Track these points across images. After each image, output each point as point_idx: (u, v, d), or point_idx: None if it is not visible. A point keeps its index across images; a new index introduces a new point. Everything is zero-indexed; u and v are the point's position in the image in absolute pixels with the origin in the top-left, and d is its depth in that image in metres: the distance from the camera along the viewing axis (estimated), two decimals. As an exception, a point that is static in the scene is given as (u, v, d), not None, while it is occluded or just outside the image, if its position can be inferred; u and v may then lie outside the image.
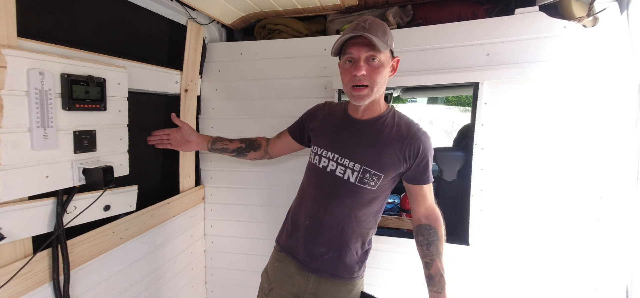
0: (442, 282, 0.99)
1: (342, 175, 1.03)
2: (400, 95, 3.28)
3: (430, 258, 1.02)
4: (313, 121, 1.19)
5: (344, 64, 0.99)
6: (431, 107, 12.99)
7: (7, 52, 0.85)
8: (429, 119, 12.52)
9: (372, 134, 1.02)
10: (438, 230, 1.04)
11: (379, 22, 0.95)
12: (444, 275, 1.00)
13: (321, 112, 1.19)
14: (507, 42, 1.36)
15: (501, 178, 1.43)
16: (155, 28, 1.48)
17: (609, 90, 1.28)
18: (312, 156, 1.14)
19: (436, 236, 1.04)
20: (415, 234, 1.09)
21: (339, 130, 1.09)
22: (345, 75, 0.98)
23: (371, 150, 1.01)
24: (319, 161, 1.08)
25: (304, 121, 1.25)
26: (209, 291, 1.97)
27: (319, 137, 1.14)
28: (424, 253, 1.04)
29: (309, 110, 1.25)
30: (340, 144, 1.06)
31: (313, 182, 1.12)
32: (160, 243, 1.52)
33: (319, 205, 1.08)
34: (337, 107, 1.17)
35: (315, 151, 1.11)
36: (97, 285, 1.20)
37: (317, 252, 1.07)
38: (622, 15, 1.23)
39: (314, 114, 1.21)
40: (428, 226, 1.05)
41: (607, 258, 1.32)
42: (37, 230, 0.98)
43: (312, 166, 1.13)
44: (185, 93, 1.63)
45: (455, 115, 11.39)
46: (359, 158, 1.01)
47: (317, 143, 1.13)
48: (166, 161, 1.64)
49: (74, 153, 1.04)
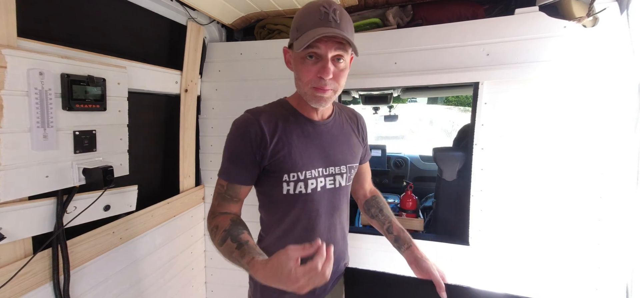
0: (407, 236, 1.01)
1: (333, 185, 0.92)
2: (400, 95, 3.28)
3: (389, 221, 1.06)
4: (269, 146, 0.83)
5: (304, 59, 0.78)
6: (431, 107, 12.98)
7: (7, 52, 0.85)
8: (429, 119, 12.52)
9: (339, 129, 0.95)
10: (381, 197, 1.13)
11: (346, 13, 0.79)
12: (404, 229, 1.03)
13: (269, 130, 0.83)
14: (507, 42, 1.36)
15: (501, 178, 1.43)
16: (155, 28, 1.48)
17: (609, 90, 1.28)
18: (284, 186, 0.85)
19: (382, 201, 1.11)
20: (367, 209, 1.12)
21: (311, 141, 0.88)
22: (306, 73, 0.79)
23: (345, 146, 0.96)
24: (305, 187, 0.86)
25: (252, 154, 0.83)
26: (209, 291, 1.97)
27: (289, 159, 0.84)
28: (381, 220, 1.08)
29: (243, 138, 0.82)
30: (321, 153, 0.90)
31: (306, 213, 0.89)
32: (160, 243, 1.52)
33: (324, 232, 0.93)
34: (282, 115, 0.87)
35: (294, 178, 0.85)
36: (97, 285, 1.20)
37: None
38: (622, 15, 1.23)
39: (260, 137, 0.82)
40: (373, 197, 1.13)
41: (607, 258, 1.32)
42: (37, 230, 0.98)
43: (290, 198, 0.87)
44: (185, 93, 1.63)
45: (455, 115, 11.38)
46: (341, 160, 0.94)
47: (290, 167, 0.84)
48: (166, 161, 1.64)
49: (74, 153, 1.04)
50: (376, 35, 1.54)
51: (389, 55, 1.53)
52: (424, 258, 0.93)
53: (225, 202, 0.86)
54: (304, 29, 0.76)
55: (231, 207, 0.87)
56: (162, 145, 1.62)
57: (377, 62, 1.54)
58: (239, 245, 0.73)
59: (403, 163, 3.58)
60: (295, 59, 0.81)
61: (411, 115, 12.57)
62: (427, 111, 12.99)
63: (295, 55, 0.80)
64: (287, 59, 0.87)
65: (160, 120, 1.59)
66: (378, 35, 1.53)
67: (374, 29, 1.59)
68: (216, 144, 1.83)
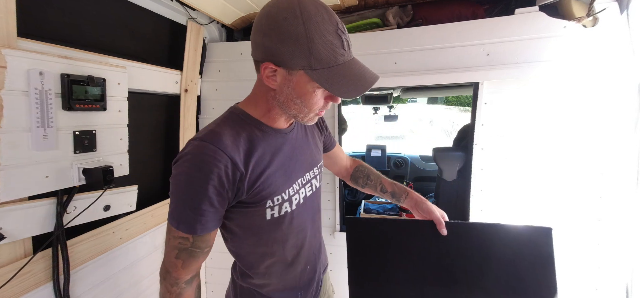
0: (401, 187, 1.04)
1: (312, 190, 0.88)
2: (400, 95, 3.28)
3: (379, 182, 1.09)
4: (245, 178, 0.69)
5: (318, 89, 0.67)
6: (431, 107, 12.98)
7: (7, 52, 0.85)
8: (429, 119, 12.52)
9: (302, 132, 0.90)
10: (363, 163, 1.15)
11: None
12: (396, 183, 1.05)
13: (240, 158, 0.68)
14: (507, 42, 1.36)
15: (501, 178, 1.43)
16: (155, 28, 1.48)
17: (609, 90, 1.28)
18: (268, 212, 0.75)
19: (366, 168, 1.13)
20: (354, 181, 1.14)
21: (285, 155, 0.79)
22: (316, 102, 0.69)
23: (312, 146, 0.92)
24: (290, 205, 0.79)
25: (222, 196, 0.67)
26: (209, 291, 1.97)
27: (272, 183, 0.74)
28: (372, 185, 1.10)
29: (208, 180, 0.64)
30: (297, 165, 0.82)
31: (294, 229, 0.82)
32: (161, 244, 1.52)
33: (313, 239, 0.92)
34: (248, 133, 0.73)
35: (279, 201, 0.76)
36: (97, 285, 1.20)
37: (320, 273, 1.00)
38: (622, 15, 1.23)
39: (231, 171, 0.66)
40: (357, 167, 1.14)
41: (607, 258, 1.32)
42: (37, 230, 0.98)
43: (275, 221, 0.77)
44: (185, 93, 1.63)
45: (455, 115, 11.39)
46: (312, 162, 0.90)
47: (273, 192, 0.74)
48: (166, 161, 1.64)
49: (74, 153, 1.04)
50: (376, 35, 1.54)
51: (389, 55, 1.53)
52: (424, 200, 0.96)
53: (193, 259, 0.70)
54: (327, 59, 0.62)
55: (200, 262, 0.73)
56: (162, 145, 1.62)
57: (377, 62, 1.54)
58: None
59: (403, 163, 3.58)
60: (300, 85, 0.66)
61: (411, 115, 12.58)
62: (427, 111, 13.00)
63: (303, 82, 0.65)
64: (268, 77, 0.68)
65: (160, 120, 1.59)
66: (378, 35, 1.53)
67: (374, 29, 1.59)
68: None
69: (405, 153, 3.68)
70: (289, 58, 0.63)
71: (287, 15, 0.61)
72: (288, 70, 0.65)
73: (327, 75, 0.63)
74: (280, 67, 0.65)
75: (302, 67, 0.63)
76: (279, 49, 0.63)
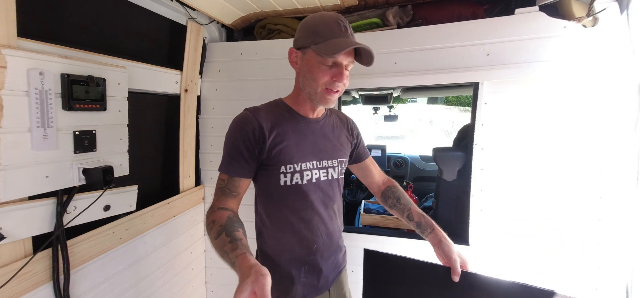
0: (428, 220, 1.04)
1: (327, 177, 0.99)
2: (400, 95, 3.28)
3: (407, 209, 1.09)
4: (267, 141, 0.89)
5: (321, 62, 0.85)
6: (431, 107, 12.98)
7: (7, 52, 0.85)
8: (429, 119, 12.52)
9: (330, 128, 1.04)
10: (398, 186, 1.17)
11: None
12: (424, 214, 1.05)
13: (266, 126, 0.89)
14: (507, 42, 1.36)
15: (501, 178, 1.43)
16: (155, 28, 1.48)
17: (609, 90, 1.28)
18: (282, 178, 0.91)
19: (399, 190, 1.15)
20: (384, 199, 1.17)
21: (305, 137, 0.95)
22: (322, 75, 0.86)
23: (336, 142, 1.04)
24: (301, 178, 0.93)
25: (251, 149, 0.88)
26: (209, 291, 1.97)
27: (286, 152, 0.91)
28: (400, 209, 1.11)
29: (242, 134, 0.88)
30: (314, 148, 0.96)
31: (303, 204, 0.95)
32: (160, 244, 1.52)
33: (325, 222, 1.00)
34: (279, 113, 0.94)
35: (291, 170, 0.91)
36: (97, 285, 1.20)
37: (330, 267, 1.05)
38: (622, 15, 1.23)
39: (258, 132, 0.88)
40: (389, 187, 1.17)
41: (607, 258, 1.32)
42: (37, 230, 0.98)
43: (287, 189, 0.92)
44: (185, 93, 1.63)
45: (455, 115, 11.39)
46: (333, 154, 1.01)
47: (287, 160, 0.91)
48: (166, 161, 1.64)
49: (74, 153, 1.04)
50: (376, 35, 1.54)
51: (389, 55, 1.53)
52: (447, 242, 0.94)
53: (224, 197, 0.89)
54: (326, 36, 0.84)
55: (229, 203, 0.89)
56: (162, 145, 1.62)
57: (377, 62, 1.53)
58: (232, 240, 0.74)
59: (403, 163, 3.58)
60: (309, 61, 0.87)
61: (411, 115, 12.57)
62: (427, 111, 12.99)
63: (311, 58, 0.87)
64: (293, 59, 0.92)
65: (160, 120, 1.59)
66: (378, 35, 1.54)
67: (374, 29, 1.59)
68: (216, 144, 1.83)
69: (405, 153, 3.68)
70: (303, 41, 0.88)
71: (308, 19, 0.90)
72: (302, 51, 0.89)
73: (323, 46, 0.83)
74: (299, 50, 0.90)
75: (309, 44, 0.86)
76: (299, 38, 0.90)
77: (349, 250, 1.18)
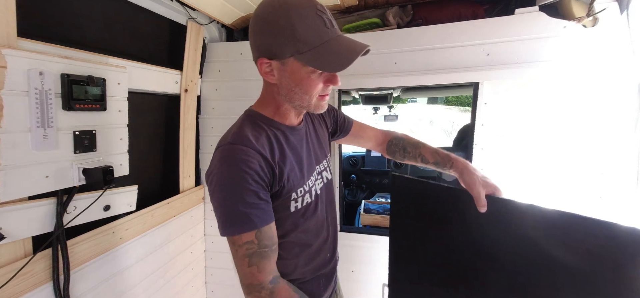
0: (443, 155, 0.96)
1: (322, 182, 0.92)
2: (400, 95, 3.28)
3: (419, 154, 1.02)
4: (276, 170, 0.74)
5: (311, 73, 0.69)
6: (431, 107, 12.99)
7: (7, 52, 0.85)
8: (429, 119, 12.53)
9: (311, 127, 0.95)
10: (398, 134, 1.10)
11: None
12: (438, 150, 0.99)
13: (268, 153, 0.73)
14: (507, 42, 1.36)
15: (501, 178, 1.43)
16: (155, 28, 1.48)
17: (609, 90, 1.28)
18: (293, 204, 0.80)
19: (402, 139, 1.08)
20: (391, 154, 1.10)
21: (301, 149, 0.85)
22: (314, 86, 0.71)
23: (322, 141, 0.98)
24: (310, 196, 0.84)
25: (265, 186, 0.71)
26: (209, 291, 1.97)
27: (294, 177, 0.79)
28: (411, 157, 1.05)
29: (250, 176, 0.68)
30: (309, 158, 0.87)
31: (315, 219, 0.87)
32: (160, 244, 1.52)
33: (330, 228, 0.96)
34: (266, 131, 0.77)
35: (302, 193, 0.81)
36: (97, 285, 1.20)
37: (335, 267, 1.02)
38: (622, 15, 1.23)
39: (265, 166, 0.71)
40: (391, 140, 1.10)
41: (607, 258, 1.32)
42: (37, 230, 0.98)
43: (298, 212, 0.82)
44: (185, 93, 1.63)
45: (455, 115, 11.40)
46: (321, 155, 0.95)
47: (297, 185, 0.80)
48: (166, 161, 1.64)
49: (74, 153, 1.04)
50: (376, 35, 1.54)
51: (389, 55, 1.53)
52: (468, 172, 0.85)
53: (265, 260, 0.68)
54: (311, 40, 0.65)
55: (273, 261, 0.71)
56: (162, 145, 1.62)
57: (377, 62, 1.54)
58: None
59: (403, 163, 3.58)
60: (295, 73, 0.69)
61: (411, 115, 12.58)
62: (427, 111, 13.00)
63: (296, 69, 0.68)
64: (266, 71, 0.72)
65: (160, 120, 1.59)
66: (378, 35, 1.54)
67: (374, 29, 1.59)
68: (216, 143, 1.82)
69: (405, 154, 3.67)
70: (277, 49, 0.67)
71: (269, 10, 0.67)
72: (280, 60, 0.69)
73: (315, 55, 0.66)
74: (273, 59, 0.70)
75: (291, 54, 0.67)
76: (268, 43, 0.68)
77: (349, 250, 1.18)
